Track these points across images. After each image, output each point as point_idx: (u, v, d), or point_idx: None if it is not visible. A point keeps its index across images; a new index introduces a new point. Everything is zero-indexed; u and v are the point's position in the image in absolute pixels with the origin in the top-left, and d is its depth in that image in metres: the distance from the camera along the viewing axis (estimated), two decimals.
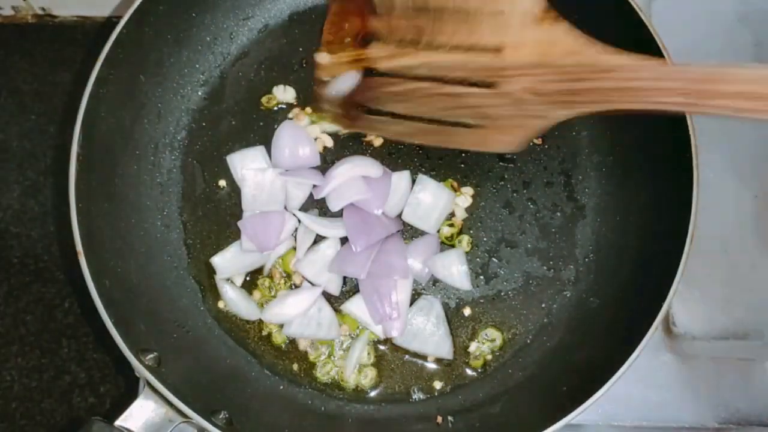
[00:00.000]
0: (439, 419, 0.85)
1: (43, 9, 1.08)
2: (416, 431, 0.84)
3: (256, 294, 0.88)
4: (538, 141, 0.93)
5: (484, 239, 0.91)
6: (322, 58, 0.87)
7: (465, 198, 0.91)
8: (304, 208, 0.90)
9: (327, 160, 0.92)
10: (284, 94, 0.95)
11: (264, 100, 0.95)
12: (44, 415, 0.96)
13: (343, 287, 0.88)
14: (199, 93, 0.95)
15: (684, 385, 0.92)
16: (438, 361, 0.87)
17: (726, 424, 0.91)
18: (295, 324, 0.85)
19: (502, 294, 0.90)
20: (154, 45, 0.89)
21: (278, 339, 0.87)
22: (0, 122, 1.05)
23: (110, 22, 1.07)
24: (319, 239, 0.89)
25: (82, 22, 1.09)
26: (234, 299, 0.87)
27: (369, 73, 0.85)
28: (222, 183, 0.92)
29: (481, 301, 0.89)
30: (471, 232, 0.91)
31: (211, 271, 0.89)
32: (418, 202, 0.89)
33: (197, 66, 0.94)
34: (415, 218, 0.89)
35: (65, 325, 0.98)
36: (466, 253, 0.90)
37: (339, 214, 0.89)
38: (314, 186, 0.89)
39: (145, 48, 0.88)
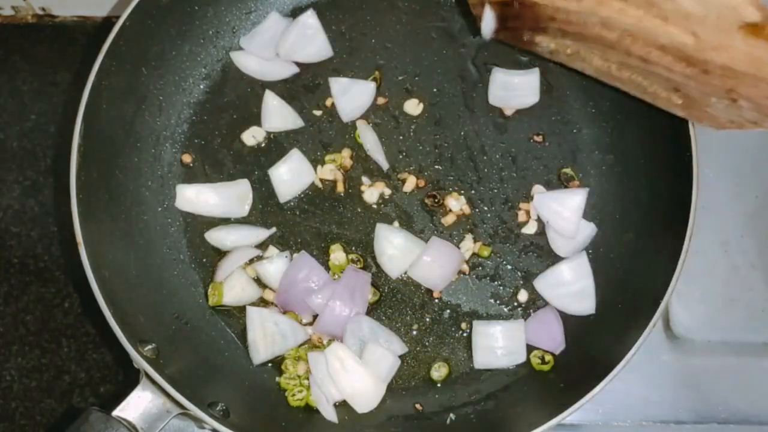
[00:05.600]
0: (419, 406, 0.85)
1: (43, 9, 1.09)
2: (411, 426, 0.84)
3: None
4: (539, 139, 0.93)
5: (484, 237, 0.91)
6: None
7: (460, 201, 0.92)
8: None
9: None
10: None
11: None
12: (44, 415, 0.95)
13: None
14: (201, 86, 0.95)
15: (684, 385, 0.92)
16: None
17: (726, 424, 0.90)
18: (262, 349, 0.85)
19: (502, 292, 0.89)
20: (157, 38, 0.89)
21: None
22: (0, 122, 1.05)
23: (110, 22, 1.07)
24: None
25: (82, 22, 1.09)
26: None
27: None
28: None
29: (481, 300, 0.89)
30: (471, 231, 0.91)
31: (210, 265, 0.89)
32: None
33: (199, 59, 0.94)
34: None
35: (65, 325, 0.98)
36: (484, 257, 0.90)
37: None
38: None
39: (147, 41, 0.88)
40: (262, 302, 0.88)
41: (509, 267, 0.90)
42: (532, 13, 0.79)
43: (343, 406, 0.84)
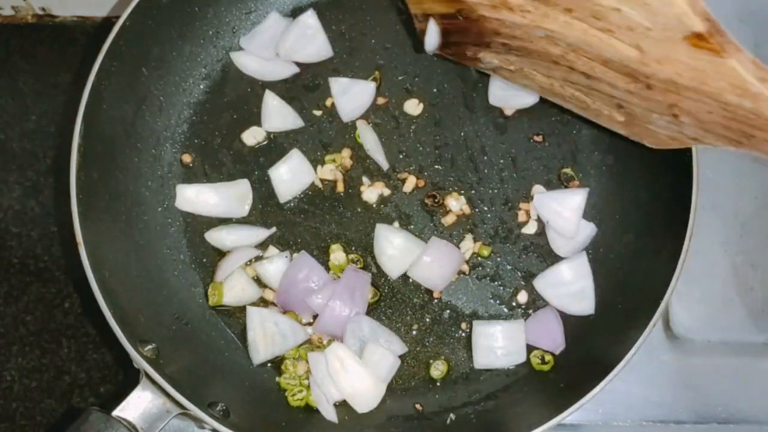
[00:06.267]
0: (419, 406, 0.85)
1: (43, 9, 1.08)
2: (411, 426, 0.84)
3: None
4: (539, 139, 0.93)
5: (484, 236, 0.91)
6: None
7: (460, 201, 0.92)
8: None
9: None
10: None
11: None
12: (44, 415, 0.95)
13: None
14: (201, 87, 0.95)
15: (684, 385, 0.92)
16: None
17: (726, 424, 0.90)
18: (262, 349, 0.85)
19: (502, 292, 0.89)
20: (157, 38, 0.89)
21: None
22: (0, 123, 1.05)
23: (110, 22, 1.07)
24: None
25: (82, 22, 1.09)
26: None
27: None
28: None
29: (481, 300, 0.89)
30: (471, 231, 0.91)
31: (210, 265, 0.89)
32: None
33: (199, 59, 0.95)
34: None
35: (65, 325, 0.98)
36: (484, 257, 0.90)
37: None
38: None
39: (147, 41, 0.88)
40: (262, 302, 0.88)
41: (509, 267, 0.90)
42: (477, 27, 0.79)
43: (343, 406, 0.84)
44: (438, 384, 0.87)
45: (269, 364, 0.86)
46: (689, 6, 0.59)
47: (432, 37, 0.86)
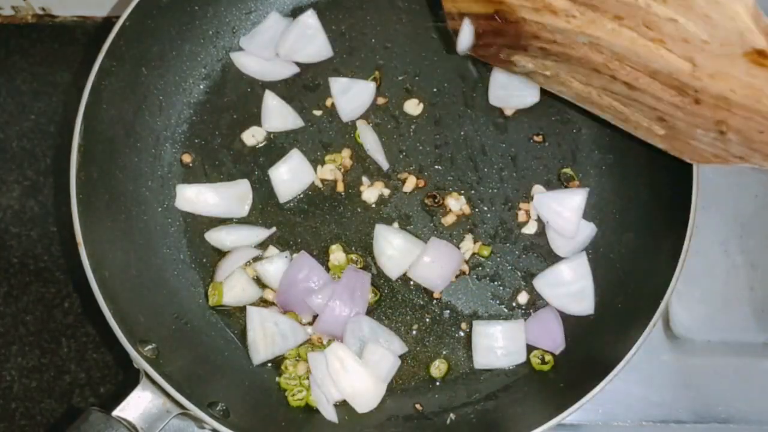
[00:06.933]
0: (419, 406, 0.85)
1: (43, 9, 1.08)
2: (411, 427, 0.84)
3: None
4: (539, 138, 0.93)
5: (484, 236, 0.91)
6: None
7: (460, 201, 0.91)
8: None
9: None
10: None
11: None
12: (44, 415, 0.95)
13: None
14: (201, 86, 0.95)
15: (684, 385, 0.92)
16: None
17: (726, 424, 0.90)
18: (262, 349, 0.85)
19: (502, 292, 0.89)
20: (157, 38, 0.89)
21: None
22: (0, 122, 1.05)
23: (110, 22, 1.07)
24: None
25: (81, 22, 1.09)
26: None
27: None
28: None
29: (481, 300, 0.89)
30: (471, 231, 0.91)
31: (210, 265, 0.89)
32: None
33: (199, 59, 0.95)
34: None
35: (65, 325, 0.98)
36: (484, 257, 0.90)
37: None
38: None
39: (147, 40, 0.88)
40: (262, 302, 0.88)
41: (509, 267, 0.90)
42: (516, 29, 0.76)
43: (343, 406, 0.84)
44: (438, 384, 0.87)
45: (269, 364, 0.86)
46: (753, 21, 0.57)
47: (465, 38, 0.82)
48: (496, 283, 0.89)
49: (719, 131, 0.66)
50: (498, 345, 0.85)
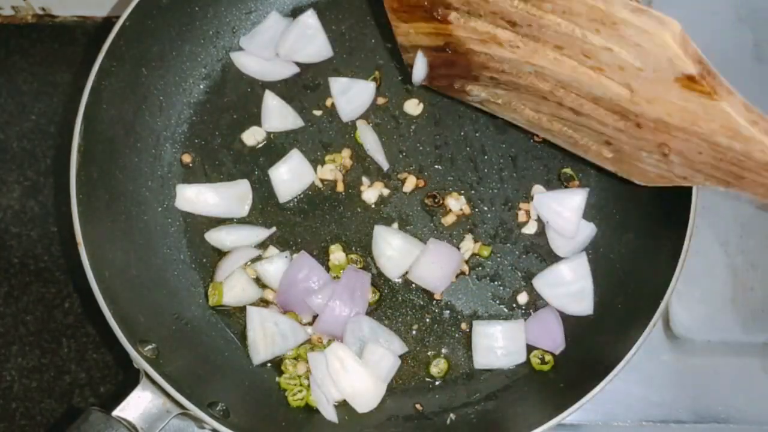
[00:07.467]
0: (419, 406, 0.85)
1: (43, 9, 1.08)
2: (411, 427, 0.84)
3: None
4: (539, 138, 0.93)
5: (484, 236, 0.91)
6: (395, 21, 0.82)
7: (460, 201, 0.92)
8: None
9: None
10: None
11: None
12: (44, 415, 0.95)
13: None
14: (201, 86, 0.95)
15: (684, 385, 0.92)
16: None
17: (726, 424, 0.90)
18: (262, 349, 0.85)
19: (502, 293, 0.89)
20: (157, 38, 0.89)
21: None
22: (0, 122, 1.05)
23: (110, 22, 1.07)
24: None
25: (81, 22, 1.09)
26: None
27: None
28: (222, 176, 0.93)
29: (481, 301, 0.89)
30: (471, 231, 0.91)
31: (210, 265, 0.89)
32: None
33: (199, 59, 0.95)
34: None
35: (65, 325, 0.98)
36: (484, 257, 0.90)
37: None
38: None
39: (147, 41, 0.88)
40: (262, 302, 0.88)
41: (509, 267, 0.90)
42: (465, 60, 0.79)
43: (343, 406, 0.84)
44: (438, 384, 0.87)
45: (269, 364, 0.86)
46: (681, 48, 0.59)
47: (420, 69, 0.86)
48: (496, 283, 0.90)
49: (662, 153, 0.69)
50: (498, 345, 0.85)
